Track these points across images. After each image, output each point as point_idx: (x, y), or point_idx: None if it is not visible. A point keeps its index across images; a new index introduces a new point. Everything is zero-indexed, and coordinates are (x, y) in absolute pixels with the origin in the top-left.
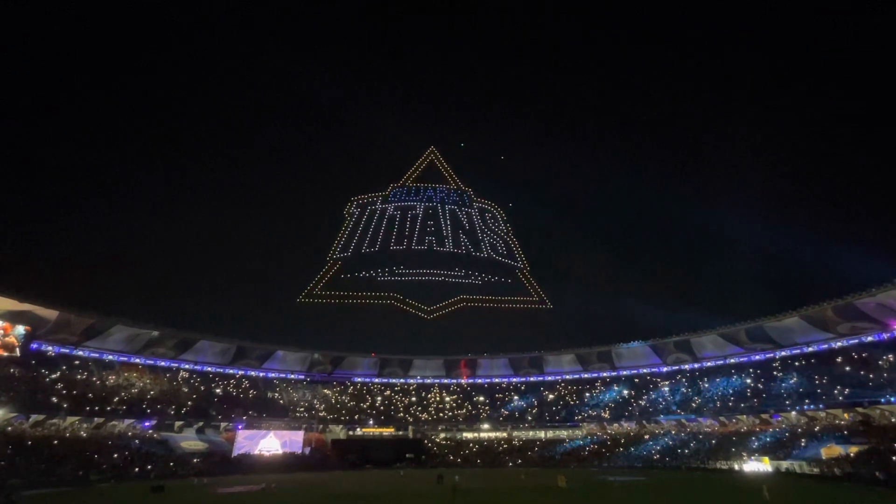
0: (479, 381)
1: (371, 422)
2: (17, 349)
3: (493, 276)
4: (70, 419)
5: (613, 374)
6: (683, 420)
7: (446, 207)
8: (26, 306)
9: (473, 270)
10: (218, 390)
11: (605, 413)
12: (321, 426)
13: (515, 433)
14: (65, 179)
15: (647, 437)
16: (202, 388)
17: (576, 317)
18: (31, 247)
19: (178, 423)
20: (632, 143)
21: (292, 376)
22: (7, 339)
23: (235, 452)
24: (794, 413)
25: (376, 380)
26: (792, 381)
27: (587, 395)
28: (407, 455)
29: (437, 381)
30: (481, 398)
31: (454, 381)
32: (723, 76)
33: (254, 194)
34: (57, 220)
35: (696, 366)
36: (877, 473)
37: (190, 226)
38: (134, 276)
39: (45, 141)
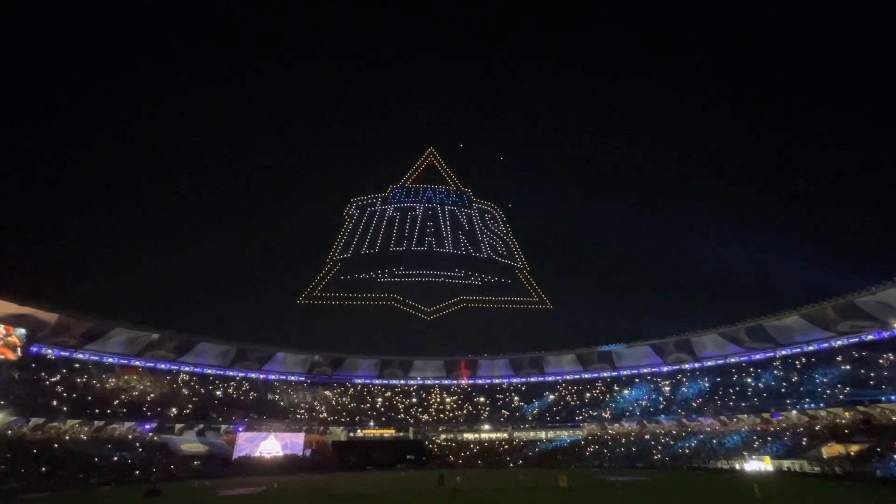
0: (480, 381)
1: (372, 423)
2: (20, 349)
3: (493, 276)
4: (70, 422)
5: (614, 374)
6: (684, 419)
7: (446, 208)
8: (26, 309)
9: (473, 271)
10: (218, 392)
11: (606, 413)
12: (322, 428)
13: (516, 434)
14: (65, 182)
15: (647, 436)
16: (202, 390)
17: (576, 317)
18: (30, 249)
19: (178, 426)
20: (632, 143)
21: (293, 378)
22: (9, 338)
23: (236, 455)
24: (794, 412)
25: (377, 381)
26: (793, 380)
27: (588, 395)
28: (408, 456)
29: (438, 381)
30: (482, 399)
31: (455, 381)
32: (722, 75)
33: (254, 195)
34: (56, 223)
35: (696, 365)
36: (877, 472)
37: (189, 227)
38: (133, 278)
39: (44, 143)
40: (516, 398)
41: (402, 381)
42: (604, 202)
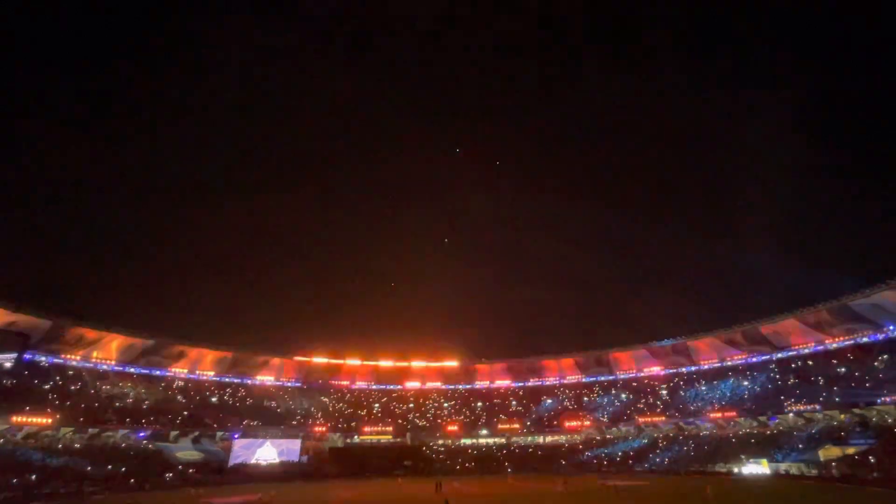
0: (478, 386)
1: (368, 429)
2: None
3: (493, 280)
4: (63, 430)
5: (612, 377)
6: (681, 423)
7: (445, 210)
8: (19, 316)
9: (472, 275)
10: (214, 399)
11: (604, 417)
12: (318, 434)
13: (514, 439)
14: (59, 189)
15: (645, 440)
16: (197, 397)
17: (574, 322)
18: (24, 255)
19: (173, 433)
20: (633, 150)
21: (289, 384)
22: None
23: (232, 462)
24: (791, 415)
25: (374, 387)
26: (789, 383)
27: (586, 399)
28: (405, 463)
29: (435, 387)
30: (480, 404)
31: (452, 387)
32: (725, 77)
33: (251, 202)
34: (51, 231)
35: (693, 369)
36: (874, 474)
37: (186, 235)
38: (128, 284)
39: (38, 146)
40: (514, 403)
41: (399, 387)
42: (602, 205)
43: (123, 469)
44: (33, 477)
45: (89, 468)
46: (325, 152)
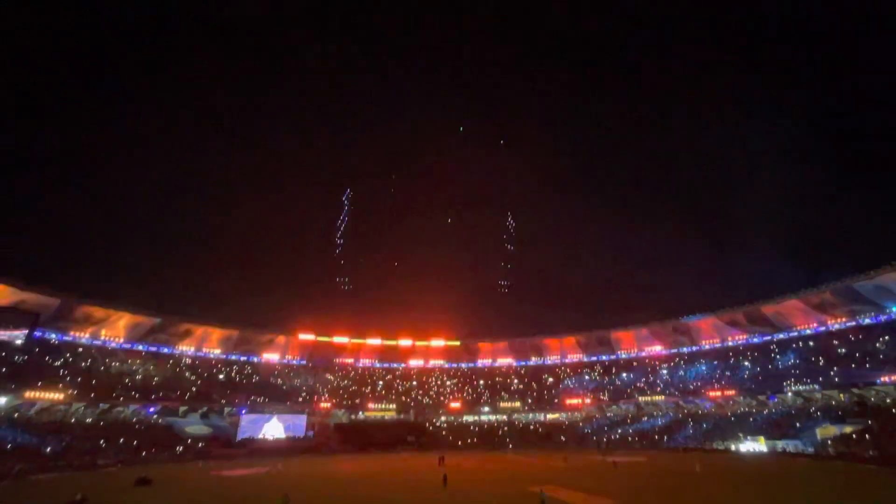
0: (480, 365)
1: (373, 406)
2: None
3: (495, 259)
4: (76, 405)
5: (613, 357)
6: (681, 402)
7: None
8: (28, 294)
9: (476, 254)
10: (221, 376)
11: (605, 395)
12: (324, 410)
13: (516, 416)
14: (68, 168)
15: (645, 418)
16: (205, 374)
17: (576, 300)
18: (33, 234)
19: (182, 409)
20: (635, 134)
21: (294, 362)
22: None
23: (239, 437)
24: (790, 394)
25: (378, 364)
26: (789, 363)
27: (587, 377)
28: (409, 438)
29: (439, 364)
30: (482, 382)
31: (454, 365)
32: (726, 72)
33: (256, 182)
34: (60, 209)
35: (694, 348)
36: (870, 452)
37: (193, 212)
38: (137, 263)
39: (45, 128)
40: (516, 381)
41: (403, 365)
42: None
43: (135, 443)
44: (48, 449)
45: (102, 442)
46: (329, 136)
